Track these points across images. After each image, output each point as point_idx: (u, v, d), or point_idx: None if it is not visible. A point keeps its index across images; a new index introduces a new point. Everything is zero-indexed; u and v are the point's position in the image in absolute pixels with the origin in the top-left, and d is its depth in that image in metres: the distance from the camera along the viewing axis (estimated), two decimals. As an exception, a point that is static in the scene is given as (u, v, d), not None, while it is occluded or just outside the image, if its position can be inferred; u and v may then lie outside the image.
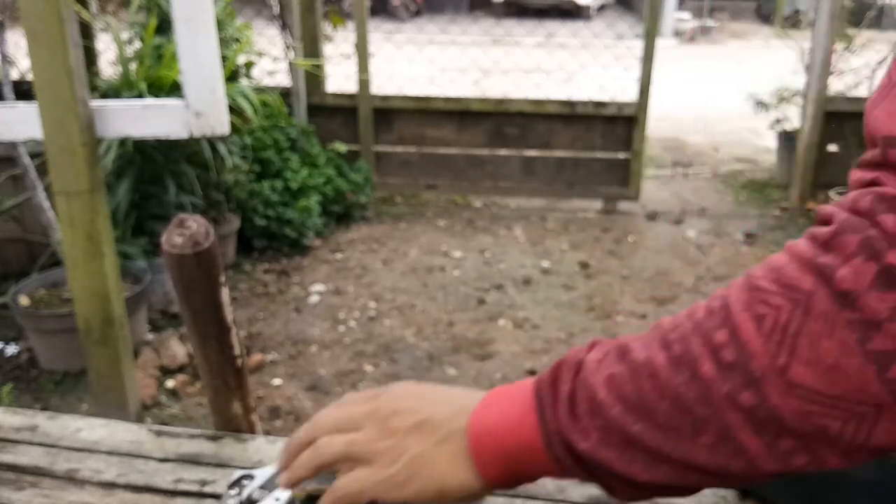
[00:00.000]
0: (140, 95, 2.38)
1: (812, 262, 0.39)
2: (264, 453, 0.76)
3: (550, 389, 0.46)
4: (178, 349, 2.35)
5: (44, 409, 2.07)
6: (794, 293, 0.39)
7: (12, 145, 2.17)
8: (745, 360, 0.39)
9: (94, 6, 2.97)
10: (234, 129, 2.69)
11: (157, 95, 2.40)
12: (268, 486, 0.67)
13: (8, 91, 2.19)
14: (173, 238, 0.75)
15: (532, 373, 2.31)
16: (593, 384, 0.44)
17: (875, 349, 0.36)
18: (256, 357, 2.39)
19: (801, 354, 0.38)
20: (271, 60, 3.50)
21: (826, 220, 0.41)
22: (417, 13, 12.06)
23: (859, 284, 0.36)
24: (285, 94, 3.57)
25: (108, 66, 3.04)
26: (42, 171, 2.12)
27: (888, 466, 0.62)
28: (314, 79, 3.73)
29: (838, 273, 0.37)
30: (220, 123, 1.66)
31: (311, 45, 3.70)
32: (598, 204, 3.92)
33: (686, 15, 11.78)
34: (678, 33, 11.28)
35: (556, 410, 0.45)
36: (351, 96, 3.80)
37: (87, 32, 2.90)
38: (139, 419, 2.04)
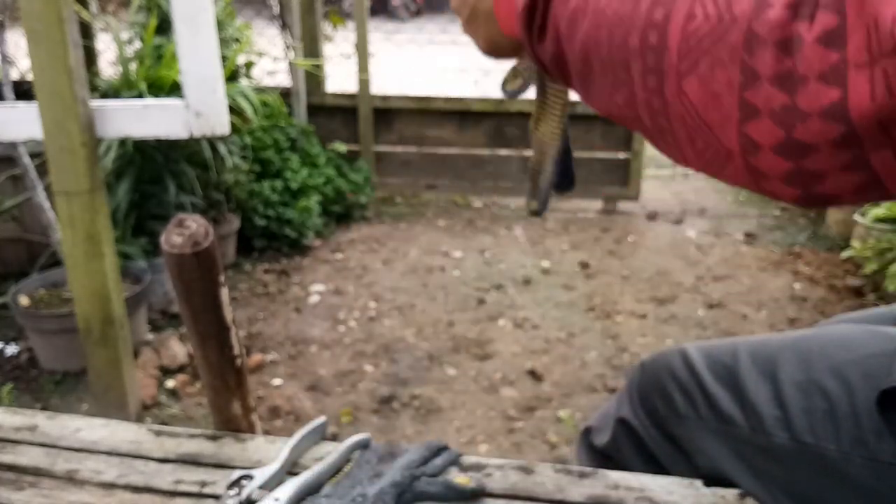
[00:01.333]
0: (140, 95, 2.38)
1: None
2: (264, 453, 0.76)
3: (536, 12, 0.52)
4: (178, 349, 2.35)
5: (44, 409, 2.08)
6: (727, 12, 0.38)
7: (12, 145, 2.17)
8: (661, 50, 0.40)
9: (94, 6, 2.97)
10: (234, 129, 2.69)
11: (157, 95, 2.40)
12: (267, 486, 0.67)
13: (8, 91, 2.19)
14: (173, 238, 0.75)
15: (532, 372, 2.31)
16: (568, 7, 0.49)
17: (747, 99, 0.36)
18: (256, 357, 2.39)
19: (699, 70, 0.38)
20: (271, 60, 3.50)
21: None
22: (417, 13, 12.06)
23: (769, 34, 0.35)
24: (285, 94, 3.57)
25: (108, 66, 3.04)
26: (42, 171, 2.12)
27: (881, 468, 0.62)
28: (314, 79, 3.73)
29: (767, 13, 0.36)
30: (220, 123, 1.66)
31: (311, 45, 3.70)
32: (598, 204, 3.92)
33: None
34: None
35: (531, 40, 0.52)
36: (351, 96, 3.80)
37: (87, 32, 2.90)
38: (139, 419, 2.04)
